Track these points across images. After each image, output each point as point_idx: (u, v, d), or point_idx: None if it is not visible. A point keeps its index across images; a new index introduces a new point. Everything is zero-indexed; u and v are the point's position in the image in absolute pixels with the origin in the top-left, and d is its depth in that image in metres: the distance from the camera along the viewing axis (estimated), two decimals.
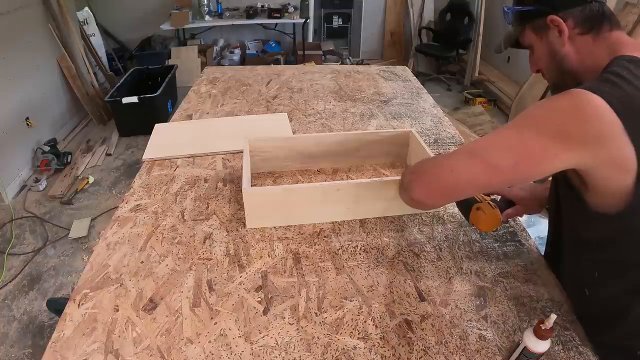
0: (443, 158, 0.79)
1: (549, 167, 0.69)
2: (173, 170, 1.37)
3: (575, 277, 0.90)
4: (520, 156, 0.69)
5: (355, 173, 1.36)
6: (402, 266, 1.00)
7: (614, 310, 0.81)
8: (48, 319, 1.98)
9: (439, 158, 0.82)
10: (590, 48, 0.75)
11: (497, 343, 0.83)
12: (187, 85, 3.10)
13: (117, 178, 3.10)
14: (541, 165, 0.68)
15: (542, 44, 0.79)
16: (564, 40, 0.75)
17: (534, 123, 0.69)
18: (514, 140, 0.70)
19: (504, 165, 0.70)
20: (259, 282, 0.96)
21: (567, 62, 0.77)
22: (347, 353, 0.80)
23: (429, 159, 0.89)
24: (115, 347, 0.81)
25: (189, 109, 1.80)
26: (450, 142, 1.55)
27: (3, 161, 2.82)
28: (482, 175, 0.73)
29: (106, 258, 1.02)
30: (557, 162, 0.67)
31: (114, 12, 4.73)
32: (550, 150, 0.66)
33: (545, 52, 0.79)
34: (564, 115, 0.65)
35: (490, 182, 0.75)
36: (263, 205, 1.09)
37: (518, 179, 0.73)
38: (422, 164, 0.85)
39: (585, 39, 0.75)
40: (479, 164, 0.72)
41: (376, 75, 2.18)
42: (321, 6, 5.13)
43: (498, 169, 0.71)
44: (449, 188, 0.78)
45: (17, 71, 3.03)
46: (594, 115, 0.63)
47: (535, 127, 0.68)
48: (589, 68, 0.75)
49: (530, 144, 0.68)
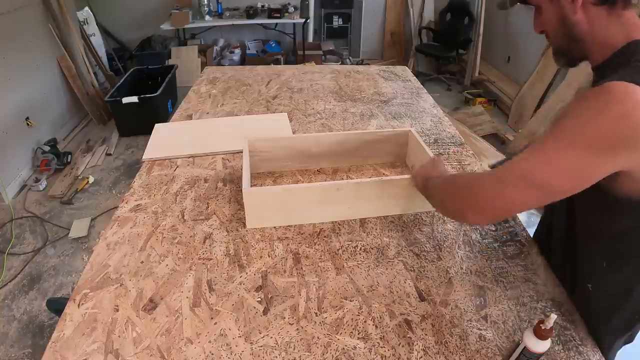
0: (491, 184, 0.75)
1: (598, 177, 0.68)
2: (173, 170, 1.37)
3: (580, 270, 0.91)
4: (571, 179, 0.68)
5: (355, 173, 1.36)
6: (402, 266, 1.00)
7: (618, 294, 0.84)
8: (48, 319, 1.98)
9: (486, 183, 0.76)
10: (604, 22, 0.72)
11: (497, 343, 0.83)
12: (187, 85, 3.10)
13: (117, 178, 3.10)
14: (592, 178, 0.67)
15: (553, 6, 0.76)
16: (577, 6, 0.73)
17: (579, 139, 0.66)
18: (562, 162, 0.67)
19: (556, 188, 0.69)
20: (259, 282, 0.96)
21: (577, 30, 0.75)
22: (347, 353, 0.80)
23: (471, 180, 0.82)
24: (115, 347, 0.81)
25: (189, 109, 1.80)
26: (450, 142, 1.55)
27: (3, 161, 2.82)
28: (535, 199, 0.72)
29: (106, 258, 1.02)
30: (607, 169, 0.67)
31: (114, 12, 4.73)
32: (599, 163, 0.66)
33: (555, 15, 0.77)
34: (607, 120, 0.63)
35: (542, 202, 0.74)
36: (263, 205, 1.09)
37: (568, 193, 0.71)
38: (469, 188, 0.79)
39: (599, 11, 0.72)
40: (533, 193, 0.70)
41: (376, 75, 2.18)
42: (321, 6, 5.13)
43: (550, 192, 0.70)
44: (504, 212, 0.79)
45: (17, 71, 3.03)
46: (637, 109, 0.61)
47: (580, 143, 0.65)
48: (599, 42, 0.74)
49: (579, 163, 0.66)
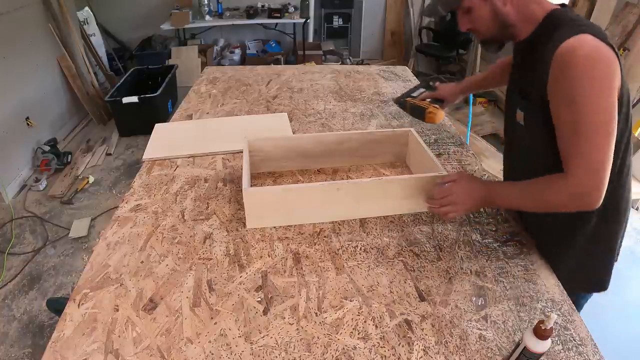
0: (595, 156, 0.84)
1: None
2: (173, 170, 1.37)
3: None
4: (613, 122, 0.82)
5: (355, 173, 1.36)
6: (402, 266, 1.00)
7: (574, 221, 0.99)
8: (48, 319, 1.98)
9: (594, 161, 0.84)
10: (525, 2, 0.91)
11: (497, 343, 0.83)
12: (187, 85, 3.10)
13: (117, 178, 3.10)
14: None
15: (486, 6, 0.92)
16: (507, 0, 0.91)
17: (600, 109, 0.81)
18: (606, 133, 0.81)
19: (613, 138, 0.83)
20: (259, 282, 0.95)
21: (509, 19, 0.92)
22: (347, 353, 0.80)
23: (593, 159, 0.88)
24: (115, 347, 0.81)
25: (189, 109, 1.80)
26: (450, 142, 1.55)
27: (3, 161, 2.82)
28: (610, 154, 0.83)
29: (106, 258, 1.02)
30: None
31: (114, 11, 4.72)
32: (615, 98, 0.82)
33: (488, 12, 0.92)
34: (599, 79, 0.80)
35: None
36: (263, 205, 1.09)
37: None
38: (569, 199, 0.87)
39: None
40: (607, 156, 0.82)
41: (376, 75, 2.18)
42: (321, 6, 5.13)
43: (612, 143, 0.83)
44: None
45: (17, 71, 3.03)
46: (600, 51, 0.80)
47: (603, 111, 0.81)
48: (525, 20, 0.92)
49: (612, 115, 0.81)
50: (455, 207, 1.00)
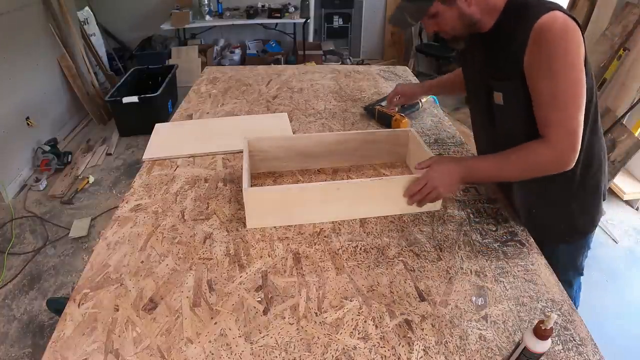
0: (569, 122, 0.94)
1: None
2: (173, 170, 1.37)
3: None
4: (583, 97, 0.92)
5: (355, 173, 1.36)
6: (402, 266, 1.00)
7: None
8: (48, 319, 1.98)
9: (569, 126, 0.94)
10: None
11: (497, 343, 0.83)
12: (187, 85, 3.10)
13: (117, 178, 3.10)
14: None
15: (452, 11, 0.98)
16: (471, 2, 0.97)
17: (575, 79, 0.91)
18: (578, 101, 0.92)
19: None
20: (259, 282, 0.96)
21: (474, 17, 0.99)
22: (347, 353, 0.80)
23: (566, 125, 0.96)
24: (115, 347, 0.81)
25: (189, 109, 1.80)
26: (451, 142, 1.55)
27: (3, 161, 2.82)
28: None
29: (106, 258, 1.02)
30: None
31: (114, 11, 4.73)
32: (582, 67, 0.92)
33: (454, 15, 0.99)
34: (572, 51, 0.90)
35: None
36: (263, 205, 1.09)
37: None
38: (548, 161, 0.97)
39: None
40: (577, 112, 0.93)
41: (376, 75, 2.18)
42: (321, 6, 5.13)
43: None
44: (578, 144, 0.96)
45: (17, 71, 3.03)
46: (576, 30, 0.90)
47: (576, 81, 0.91)
48: (487, 12, 0.99)
49: (582, 87, 0.91)
50: (437, 190, 1.06)
